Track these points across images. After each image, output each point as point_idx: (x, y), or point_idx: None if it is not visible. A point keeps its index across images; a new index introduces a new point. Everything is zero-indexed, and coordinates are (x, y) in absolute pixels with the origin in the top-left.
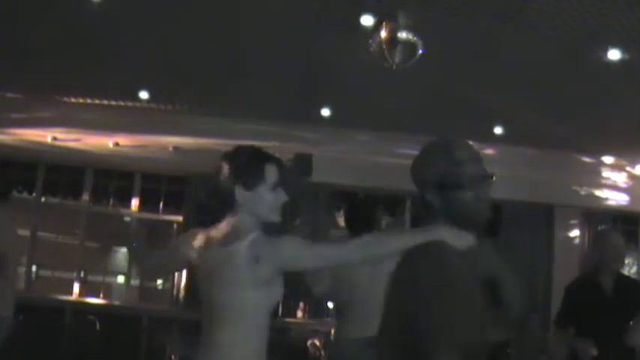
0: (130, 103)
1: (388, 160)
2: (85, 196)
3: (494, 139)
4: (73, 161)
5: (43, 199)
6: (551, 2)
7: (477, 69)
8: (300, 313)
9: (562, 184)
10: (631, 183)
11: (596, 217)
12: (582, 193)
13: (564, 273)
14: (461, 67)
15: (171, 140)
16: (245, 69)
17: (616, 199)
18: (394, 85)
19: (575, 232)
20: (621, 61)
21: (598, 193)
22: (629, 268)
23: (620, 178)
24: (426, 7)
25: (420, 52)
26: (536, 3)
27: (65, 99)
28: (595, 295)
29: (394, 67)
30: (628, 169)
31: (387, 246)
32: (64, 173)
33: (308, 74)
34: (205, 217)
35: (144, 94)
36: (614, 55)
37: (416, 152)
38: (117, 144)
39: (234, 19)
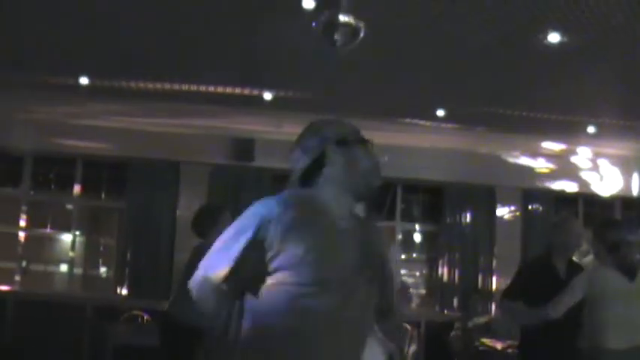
0: (71, 87)
1: None
2: (26, 184)
3: (436, 121)
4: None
5: None
6: None
7: (419, 51)
8: None
9: (503, 165)
10: (569, 164)
11: (536, 198)
12: (522, 174)
13: (505, 254)
14: (402, 49)
15: (114, 126)
16: (187, 53)
17: (555, 180)
18: (336, 68)
19: (515, 213)
20: (560, 45)
21: (538, 174)
22: None
23: (558, 160)
24: None
25: (361, 34)
26: None
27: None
28: (550, 276)
29: (336, 49)
30: (566, 150)
31: None
32: (3, 161)
33: (250, 57)
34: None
35: (84, 80)
36: (553, 38)
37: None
38: (58, 129)
39: (176, 2)
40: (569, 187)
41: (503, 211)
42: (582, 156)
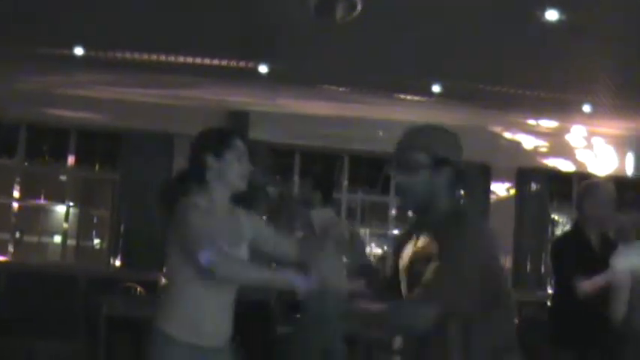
0: (65, 58)
1: (326, 116)
2: (20, 155)
3: (431, 96)
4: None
5: None
6: None
7: (417, 26)
8: None
9: (498, 142)
10: (565, 143)
11: (531, 176)
12: (517, 152)
13: (498, 231)
14: (400, 24)
15: (108, 96)
16: (182, 24)
17: (550, 158)
18: (333, 41)
19: (509, 191)
20: (556, 22)
21: (533, 152)
22: (564, 227)
23: (553, 138)
24: None
25: (359, 7)
26: None
27: None
28: (582, 248)
29: (334, 22)
30: (561, 128)
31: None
32: None
33: (245, 30)
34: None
35: (79, 50)
36: (550, 15)
37: (355, 107)
38: (53, 100)
39: None
40: (564, 165)
41: (497, 189)
42: (577, 134)
